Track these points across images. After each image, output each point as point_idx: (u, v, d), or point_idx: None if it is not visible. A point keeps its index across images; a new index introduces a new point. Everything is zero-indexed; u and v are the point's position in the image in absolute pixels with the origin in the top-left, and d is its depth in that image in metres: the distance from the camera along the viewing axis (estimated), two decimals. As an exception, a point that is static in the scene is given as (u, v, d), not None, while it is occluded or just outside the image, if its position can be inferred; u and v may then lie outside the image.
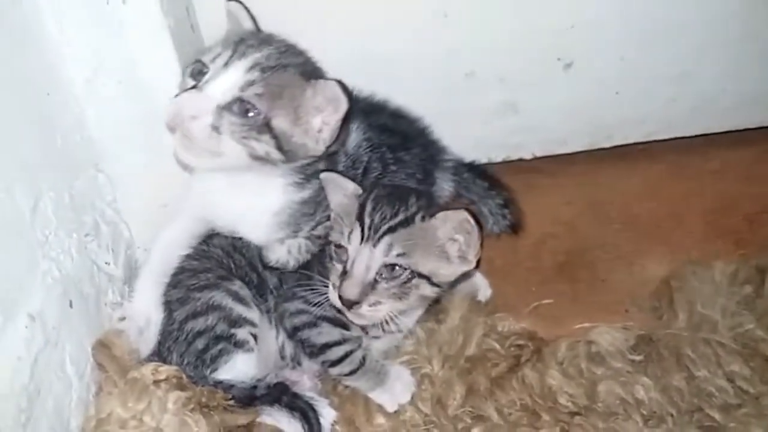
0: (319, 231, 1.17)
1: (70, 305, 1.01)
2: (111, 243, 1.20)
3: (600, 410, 1.15)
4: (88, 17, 1.08)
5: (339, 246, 1.08)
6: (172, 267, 1.17)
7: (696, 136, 1.58)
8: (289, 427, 1.11)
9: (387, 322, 1.09)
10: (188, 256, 1.19)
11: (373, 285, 1.05)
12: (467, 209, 1.08)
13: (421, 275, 1.06)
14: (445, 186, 1.35)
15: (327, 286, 1.10)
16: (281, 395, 1.11)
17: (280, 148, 1.01)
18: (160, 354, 1.13)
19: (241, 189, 1.11)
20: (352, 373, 1.15)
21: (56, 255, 1.01)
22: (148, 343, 1.12)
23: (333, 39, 1.24)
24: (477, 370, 1.21)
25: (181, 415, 0.95)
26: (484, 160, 1.55)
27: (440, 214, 1.07)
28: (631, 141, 1.58)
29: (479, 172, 1.43)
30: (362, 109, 1.22)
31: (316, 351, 1.15)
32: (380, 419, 1.16)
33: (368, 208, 1.07)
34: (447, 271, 1.10)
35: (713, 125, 1.57)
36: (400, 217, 1.06)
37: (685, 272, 1.33)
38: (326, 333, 1.13)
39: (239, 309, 1.12)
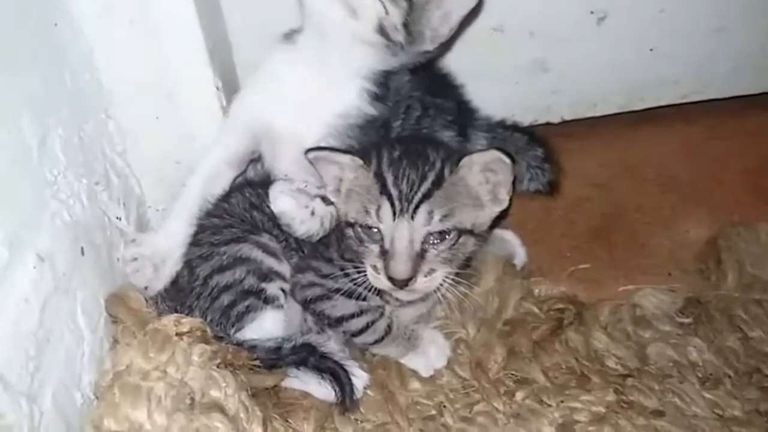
0: None
1: (82, 252, 0.94)
2: (122, 197, 1.12)
3: (653, 372, 1.09)
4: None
5: (366, 226, 0.98)
6: (210, 204, 1.11)
7: (731, 98, 1.52)
8: (318, 390, 1.03)
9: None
10: (208, 214, 1.12)
11: (422, 255, 0.96)
12: (497, 147, 0.99)
13: (466, 231, 0.98)
14: (479, 143, 1.28)
15: (360, 272, 1.00)
16: (308, 356, 1.03)
17: (406, 25, 1.02)
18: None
19: (317, 78, 1.06)
20: (376, 342, 1.07)
21: (65, 198, 0.93)
22: (160, 280, 1.09)
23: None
24: (517, 332, 1.14)
25: (208, 369, 0.85)
26: (509, 124, 1.48)
27: (465, 160, 0.98)
28: (665, 103, 1.51)
29: (515, 128, 1.37)
30: None
31: (333, 323, 1.07)
32: (415, 384, 1.09)
33: (389, 178, 0.97)
34: (484, 218, 1.02)
35: (750, 86, 1.51)
36: (430, 178, 0.96)
37: (731, 233, 1.27)
38: (341, 306, 1.05)
39: (270, 262, 1.04)
